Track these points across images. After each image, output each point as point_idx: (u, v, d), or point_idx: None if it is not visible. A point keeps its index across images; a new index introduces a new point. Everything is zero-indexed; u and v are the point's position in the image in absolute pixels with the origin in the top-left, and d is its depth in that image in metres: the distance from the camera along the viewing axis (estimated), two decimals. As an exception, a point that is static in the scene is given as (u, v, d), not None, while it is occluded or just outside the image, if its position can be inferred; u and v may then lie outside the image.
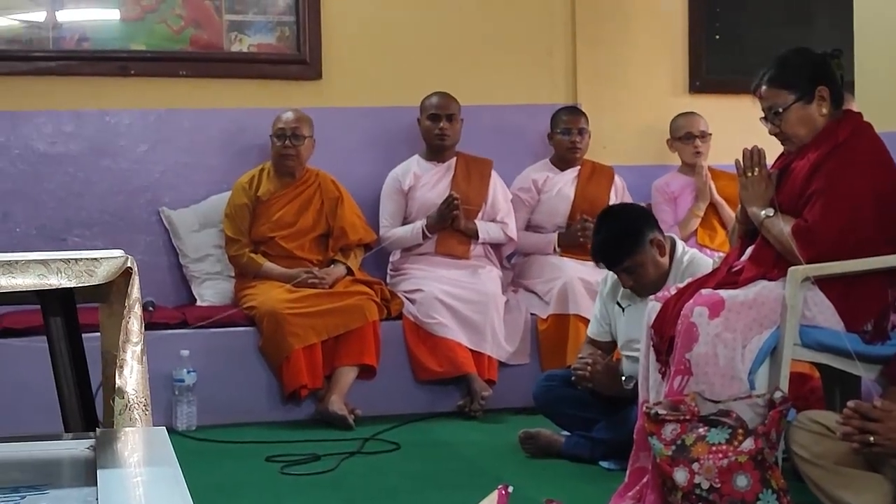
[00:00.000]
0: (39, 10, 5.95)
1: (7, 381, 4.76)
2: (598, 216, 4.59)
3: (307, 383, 5.41)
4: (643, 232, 4.36)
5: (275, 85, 6.19)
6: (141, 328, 2.11)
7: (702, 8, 6.79)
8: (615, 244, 4.37)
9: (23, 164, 5.90)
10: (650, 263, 4.35)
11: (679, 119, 6.41)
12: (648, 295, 4.18)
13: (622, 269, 4.39)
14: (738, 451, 3.35)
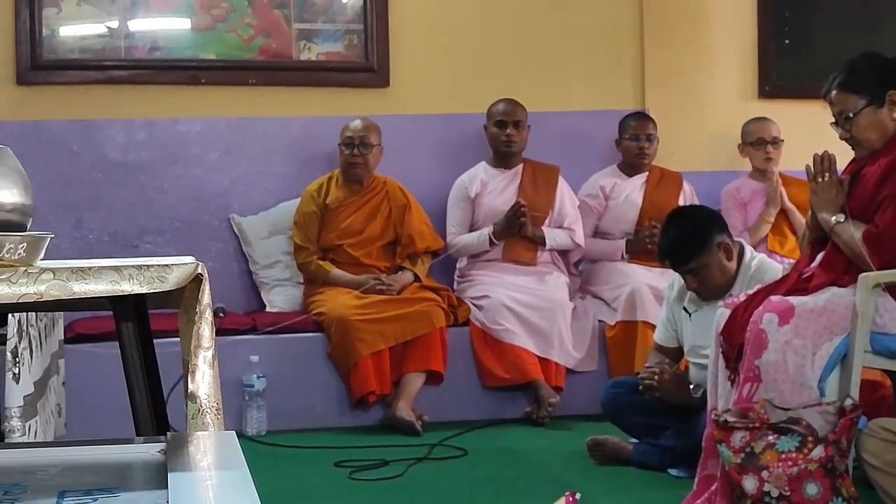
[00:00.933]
0: (112, 20, 6.04)
1: (80, 386, 4.82)
2: (667, 217, 4.57)
3: (375, 389, 5.43)
4: (711, 233, 4.33)
5: (343, 93, 6.23)
6: (212, 333, 2.13)
7: (771, 12, 6.73)
8: (682, 244, 4.34)
9: (96, 171, 5.99)
10: (716, 266, 4.32)
11: (751, 124, 6.36)
12: (713, 299, 4.16)
13: (687, 270, 4.36)
14: (808, 459, 3.32)
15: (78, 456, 1.74)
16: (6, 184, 2.06)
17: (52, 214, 5.75)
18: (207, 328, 2.11)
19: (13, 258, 2.02)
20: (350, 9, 6.28)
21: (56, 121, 5.94)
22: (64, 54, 5.98)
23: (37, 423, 3.29)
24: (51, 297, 1.96)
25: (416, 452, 4.85)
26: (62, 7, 5.95)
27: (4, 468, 1.67)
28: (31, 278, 1.96)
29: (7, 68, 5.88)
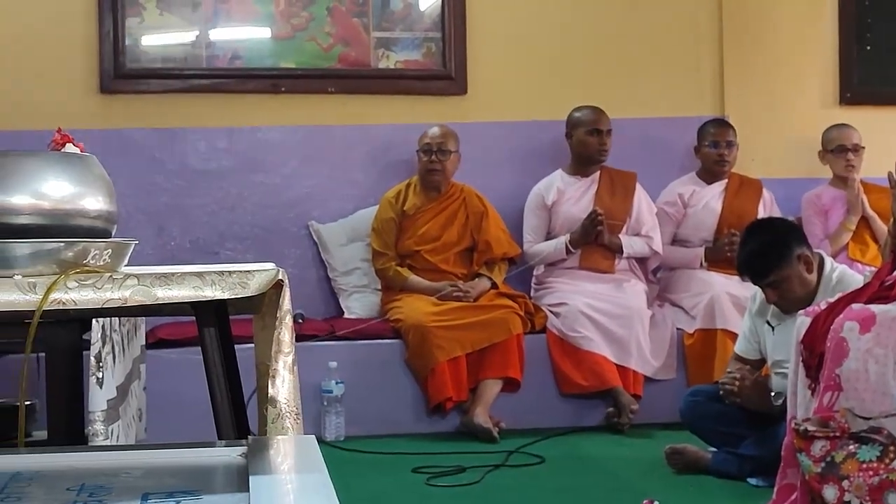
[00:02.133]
0: (193, 30, 6.12)
1: (163, 391, 4.88)
2: (745, 229, 4.53)
3: (452, 396, 5.44)
4: (790, 246, 4.29)
5: (421, 100, 6.26)
6: (292, 339, 2.16)
7: (853, 17, 6.65)
8: (761, 257, 4.30)
9: (178, 179, 6.07)
10: (796, 279, 4.28)
11: (832, 131, 6.29)
12: (795, 312, 4.12)
13: (767, 284, 4.32)
14: (889, 469, 3.27)
15: (160, 459, 1.76)
16: (92, 191, 2.10)
17: (136, 221, 5.84)
18: (287, 333, 2.14)
19: (98, 264, 2.06)
20: (428, 17, 6.31)
21: (139, 129, 6.03)
22: (146, 63, 6.07)
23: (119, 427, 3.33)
24: (135, 302, 1.99)
25: (493, 459, 4.86)
26: (144, 17, 6.05)
27: (89, 470, 1.70)
28: (115, 284, 1.99)
29: (91, 78, 5.99)
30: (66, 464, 1.75)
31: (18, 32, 5.91)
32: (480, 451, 5.05)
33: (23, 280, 1.97)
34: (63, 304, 1.96)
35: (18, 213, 2.02)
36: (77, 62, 5.98)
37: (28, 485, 1.61)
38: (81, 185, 2.09)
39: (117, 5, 5.97)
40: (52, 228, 2.04)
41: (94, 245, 2.06)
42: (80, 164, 2.12)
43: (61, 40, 5.95)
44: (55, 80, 5.93)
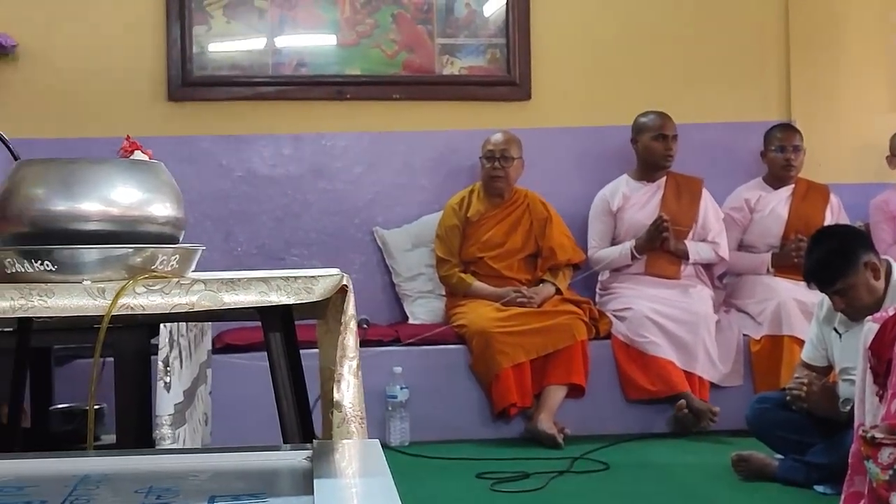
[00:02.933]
0: (260, 38, 6.18)
1: (230, 395, 4.93)
2: (812, 237, 4.49)
3: (516, 401, 5.44)
4: (857, 253, 4.24)
5: (485, 106, 6.27)
6: (356, 344, 2.17)
7: (922, 20, 6.58)
8: (827, 265, 4.26)
9: (245, 185, 6.12)
10: (863, 286, 4.23)
11: (900, 135, 6.22)
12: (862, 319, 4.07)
13: (834, 292, 4.28)
14: (959, 478, 3.23)
15: (227, 462, 1.78)
16: (160, 197, 2.12)
17: (203, 227, 5.90)
18: (352, 338, 2.15)
19: (166, 269, 2.08)
20: (493, 23, 6.32)
21: (206, 136, 6.10)
22: (213, 71, 6.13)
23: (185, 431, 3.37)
24: (202, 307, 2.01)
25: (557, 465, 4.85)
26: (212, 25, 6.11)
27: (157, 473, 1.73)
28: (182, 289, 2.02)
29: (159, 85, 6.06)
30: (133, 467, 1.77)
31: (89, 42, 6.00)
32: (545, 457, 5.05)
33: (92, 285, 1.99)
34: (131, 309, 1.99)
35: (88, 219, 2.05)
36: (145, 70, 6.05)
37: (96, 487, 1.63)
38: (150, 191, 2.11)
39: (185, 14, 6.04)
40: (121, 234, 2.07)
41: (161, 251, 2.08)
42: (148, 171, 2.15)
43: (130, 49, 6.03)
44: (124, 88, 6.01)
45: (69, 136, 5.88)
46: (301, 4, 6.20)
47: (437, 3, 6.29)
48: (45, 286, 1.98)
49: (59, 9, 6.00)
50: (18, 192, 2.08)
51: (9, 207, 2.08)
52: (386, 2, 6.25)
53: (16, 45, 5.86)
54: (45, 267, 2.02)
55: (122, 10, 6.05)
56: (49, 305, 1.97)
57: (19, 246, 2.05)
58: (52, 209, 2.05)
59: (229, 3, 6.14)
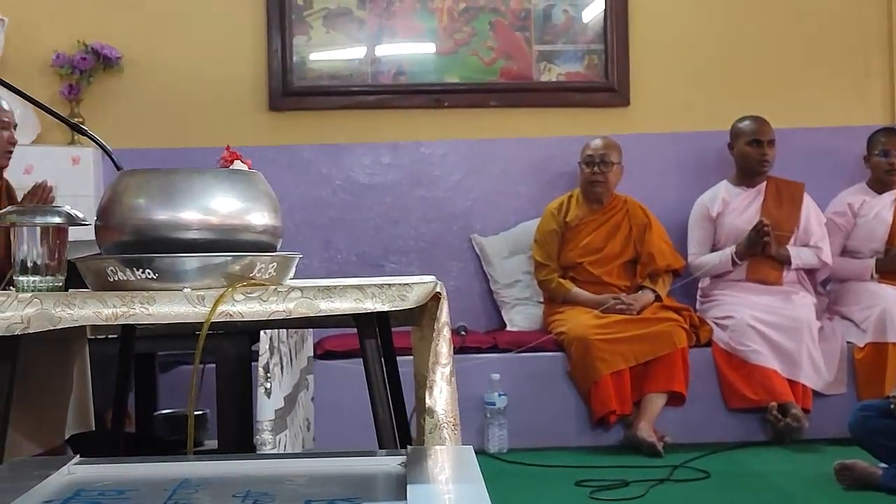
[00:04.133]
0: (359, 47, 6.23)
1: (331, 401, 4.98)
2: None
3: (616, 409, 5.41)
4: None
5: (583, 113, 6.26)
6: (450, 350, 2.18)
7: None
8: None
9: (344, 193, 6.18)
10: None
11: None
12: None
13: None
14: None
15: (323, 467, 1.80)
16: (257, 206, 2.16)
17: (303, 235, 5.97)
18: (445, 345, 2.16)
19: (264, 277, 2.12)
20: (591, 29, 6.30)
21: (306, 145, 6.17)
22: (313, 81, 6.20)
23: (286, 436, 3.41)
24: (298, 314, 2.04)
25: (657, 474, 4.81)
26: (312, 35, 6.18)
27: (255, 478, 1.75)
28: (280, 296, 2.05)
29: (260, 95, 6.14)
30: (232, 471, 1.80)
31: (191, 54, 6.10)
32: (644, 465, 5.02)
33: (192, 293, 2.03)
34: (230, 316, 2.02)
35: (188, 228, 2.09)
36: (247, 81, 6.14)
37: (195, 491, 1.66)
38: (248, 200, 2.15)
39: (286, 24, 6.12)
40: (220, 243, 2.10)
41: (259, 259, 2.12)
42: (246, 181, 2.18)
43: (232, 60, 6.13)
44: (226, 99, 6.11)
45: (171, 147, 5.99)
46: (399, 14, 6.25)
47: (535, 10, 6.29)
48: (147, 294, 2.03)
49: (163, 22, 6.11)
50: (121, 202, 2.13)
51: (111, 217, 2.13)
52: (483, 10, 6.27)
53: (120, 57, 5.99)
54: (147, 275, 2.06)
55: (223, 22, 6.15)
56: (150, 313, 2.01)
57: (121, 254, 2.10)
58: (153, 218, 2.10)
59: (329, 14, 6.20)
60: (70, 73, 5.92)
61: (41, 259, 2.16)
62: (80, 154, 5.60)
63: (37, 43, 5.98)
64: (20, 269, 2.16)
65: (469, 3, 6.27)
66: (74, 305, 2.01)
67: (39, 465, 1.78)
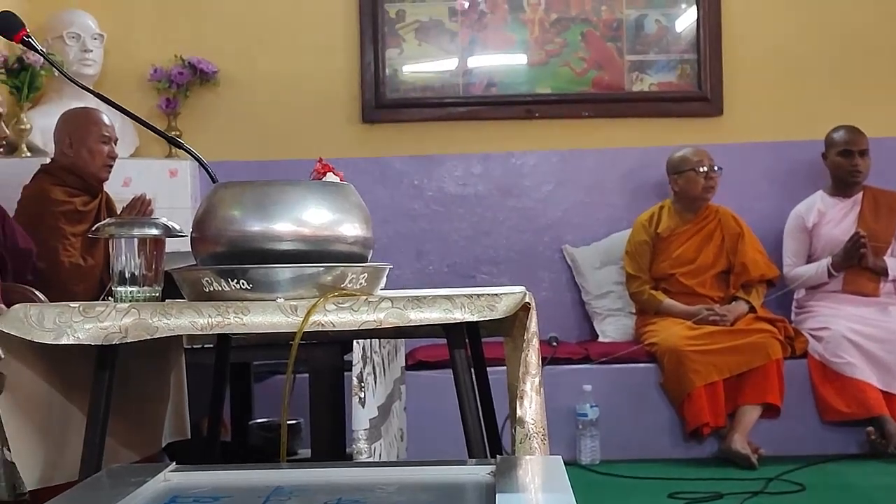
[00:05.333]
0: (451, 59, 6.27)
1: (423, 411, 5.01)
2: None
3: (709, 421, 5.36)
4: None
5: (675, 122, 6.22)
6: (539, 361, 2.19)
7: None
8: None
9: (436, 204, 6.21)
10: None
11: None
12: None
13: None
14: None
15: (414, 476, 1.82)
16: (349, 218, 2.19)
17: (395, 246, 6.01)
18: (535, 355, 2.17)
19: (355, 287, 2.14)
20: (684, 39, 6.27)
21: (398, 157, 6.21)
22: (405, 93, 6.25)
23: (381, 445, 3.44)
24: (389, 324, 2.06)
25: (751, 486, 4.77)
26: (404, 48, 6.23)
27: (346, 485, 1.78)
28: (371, 306, 2.07)
29: (353, 108, 6.20)
30: (324, 479, 1.83)
31: (285, 67, 6.18)
32: (738, 477, 4.97)
33: (285, 303, 2.07)
34: (322, 325, 2.05)
35: (281, 239, 2.13)
36: (340, 94, 6.20)
37: (288, 498, 1.69)
38: (339, 212, 2.18)
39: (378, 38, 6.18)
40: (312, 254, 2.14)
41: (351, 269, 2.14)
42: (338, 193, 2.21)
43: (325, 73, 6.19)
44: (319, 112, 6.17)
45: (266, 159, 6.06)
46: (491, 25, 6.27)
47: (627, 20, 6.28)
48: (241, 304, 2.07)
49: (257, 36, 6.20)
50: (216, 214, 2.17)
51: (207, 228, 2.18)
52: (575, 21, 6.27)
53: (216, 72, 6.08)
54: (241, 285, 2.10)
55: (317, 36, 6.21)
56: (244, 322, 2.05)
57: (217, 265, 2.14)
58: (247, 230, 2.14)
59: (421, 27, 6.25)
60: (167, 87, 6.02)
61: (139, 270, 2.21)
62: (178, 167, 5.69)
63: (135, 58, 6.09)
64: (118, 279, 2.21)
65: (561, 14, 6.27)
66: (171, 315, 2.06)
67: (137, 472, 1.82)
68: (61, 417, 2.33)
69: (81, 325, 2.06)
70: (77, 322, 2.06)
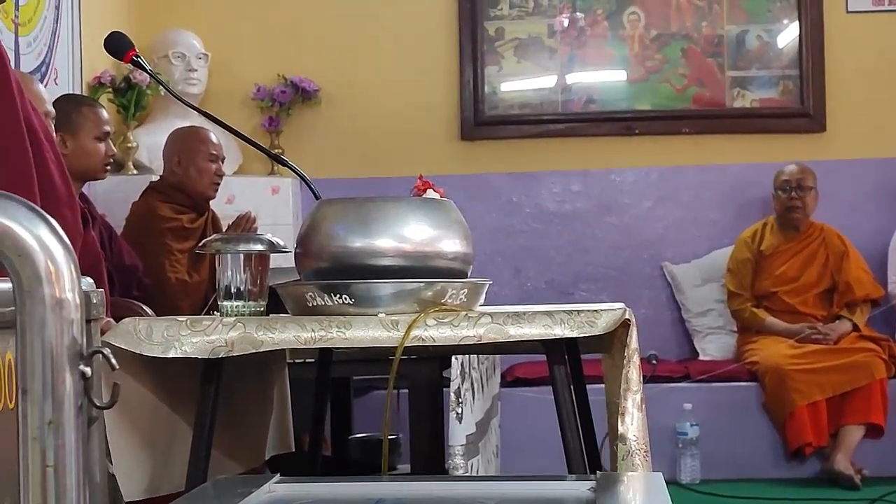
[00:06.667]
0: (550, 76, 6.27)
1: (520, 428, 5.02)
2: None
3: (811, 441, 5.30)
4: None
5: (777, 139, 6.16)
6: (639, 377, 2.19)
7: None
8: None
9: (534, 222, 6.22)
10: None
11: None
12: None
13: None
14: None
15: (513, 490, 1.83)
16: (449, 234, 2.21)
17: (494, 263, 6.02)
18: (635, 372, 2.17)
19: (455, 303, 2.16)
20: (786, 55, 6.21)
21: (497, 173, 6.23)
22: (504, 110, 6.27)
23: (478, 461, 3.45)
24: (488, 339, 2.08)
25: (854, 508, 4.71)
26: (503, 65, 6.25)
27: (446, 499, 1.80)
28: (470, 322, 2.09)
29: (452, 125, 6.24)
30: (424, 492, 1.84)
31: (386, 86, 6.23)
32: (841, 498, 4.91)
33: (386, 318, 2.10)
34: (423, 340, 2.08)
35: (382, 255, 2.16)
36: (439, 111, 6.24)
37: (390, 510, 1.71)
38: (440, 228, 2.20)
39: (477, 56, 6.21)
40: (413, 269, 2.16)
41: (451, 285, 2.16)
42: (438, 209, 2.24)
43: (425, 91, 6.23)
44: (419, 129, 6.21)
45: (367, 176, 6.11)
46: (590, 42, 6.27)
47: (728, 36, 6.24)
48: (344, 318, 2.10)
49: (358, 55, 6.26)
50: (319, 230, 2.21)
51: (310, 244, 2.22)
52: (675, 37, 6.25)
53: (318, 90, 6.15)
54: (344, 300, 2.13)
55: (417, 55, 6.26)
56: (347, 337, 2.08)
57: (320, 280, 2.18)
58: (349, 246, 2.17)
59: (520, 44, 6.27)
60: (270, 105, 6.11)
61: (244, 285, 2.25)
62: (280, 184, 5.76)
63: (239, 77, 6.19)
64: (224, 294, 2.26)
65: (661, 30, 6.25)
66: (275, 329, 2.10)
67: (242, 483, 1.85)
68: (168, 429, 2.38)
69: (189, 339, 2.10)
70: (184, 336, 2.10)
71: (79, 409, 1.15)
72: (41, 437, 1.13)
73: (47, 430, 1.13)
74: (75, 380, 1.15)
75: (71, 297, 1.14)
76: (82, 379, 1.16)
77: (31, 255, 1.12)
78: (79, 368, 1.16)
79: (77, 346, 1.15)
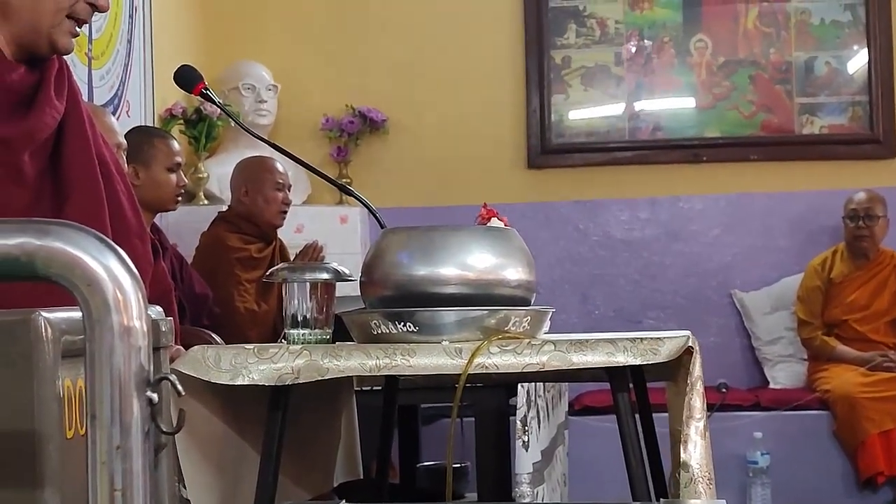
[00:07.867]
0: (617, 104, 6.28)
1: (588, 457, 5.00)
2: None
3: (884, 470, 5.24)
4: None
5: (846, 165, 6.11)
6: (703, 405, 2.18)
7: None
8: None
9: (601, 249, 6.21)
10: None
11: None
12: None
13: None
14: None
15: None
16: (512, 262, 2.22)
17: (561, 291, 6.02)
18: (699, 399, 2.17)
19: (518, 330, 2.18)
20: (855, 81, 6.17)
21: (563, 202, 6.23)
22: (571, 138, 6.28)
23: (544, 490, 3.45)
24: (551, 367, 2.09)
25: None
26: (569, 94, 6.27)
27: (510, 526, 1.80)
28: (533, 349, 2.10)
29: (519, 153, 6.25)
30: (488, 519, 1.86)
31: (452, 115, 6.26)
32: (915, 528, 4.84)
33: (450, 345, 2.11)
34: (486, 368, 2.09)
35: (446, 283, 2.18)
36: (506, 140, 6.26)
37: (453, 536, 1.73)
38: (503, 256, 2.22)
39: (544, 84, 6.22)
40: (476, 297, 2.18)
41: (514, 313, 2.18)
42: (501, 237, 2.25)
43: (492, 120, 6.25)
44: (486, 158, 6.22)
45: (433, 205, 6.14)
46: (658, 70, 6.27)
47: (797, 62, 6.21)
48: (408, 346, 2.12)
49: (425, 85, 6.30)
50: (384, 259, 2.24)
51: (375, 273, 2.24)
52: (743, 64, 6.23)
53: (385, 120, 6.20)
54: (408, 328, 2.15)
55: (484, 85, 6.28)
56: (411, 364, 2.10)
57: (384, 308, 2.20)
58: (413, 274, 2.19)
59: (587, 72, 6.28)
60: (338, 136, 6.17)
61: (310, 313, 2.28)
62: (348, 213, 5.81)
63: (307, 108, 6.25)
64: (291, 322, 2.29)
65: (728, 56, 6.23)
66: (341, 357, 2.12)
67: (308, 509, 1.88)
68: (235, 456, 2.41)
69: (256, 367, 2.13)
70: (252, 363, 2.13)
71: (146, 435, 1.18)
72: (109, 461, 1.16)
73: (115, 454, 1.16)
74: (142, 406, 1.18)
75: (138, 324, 1.17)
76: (149, 405, 1.19)
77: (100, 284, 1.16)
78: (146, 395, 1.18)
79: (144, 372, 1.18)
